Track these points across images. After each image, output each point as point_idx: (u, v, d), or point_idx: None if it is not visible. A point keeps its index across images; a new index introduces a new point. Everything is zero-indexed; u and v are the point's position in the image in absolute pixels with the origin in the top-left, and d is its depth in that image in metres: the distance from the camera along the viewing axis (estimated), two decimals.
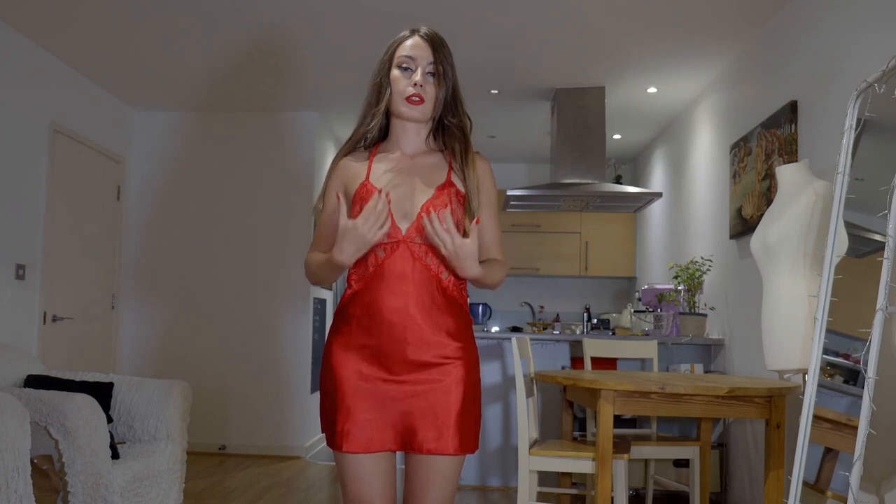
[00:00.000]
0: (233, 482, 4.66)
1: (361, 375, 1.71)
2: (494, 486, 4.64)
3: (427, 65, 1.76)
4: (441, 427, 1.67)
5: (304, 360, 5.74)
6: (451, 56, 1.80)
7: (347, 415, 1.69)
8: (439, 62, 1.76)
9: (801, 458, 2.34)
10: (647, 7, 3.88)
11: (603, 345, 4.19)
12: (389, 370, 1.69)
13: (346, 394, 1.70)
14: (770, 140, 3.80)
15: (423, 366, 1.69)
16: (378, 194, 1.65)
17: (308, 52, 4.60)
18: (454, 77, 1.80)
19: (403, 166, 1.80)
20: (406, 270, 1.70)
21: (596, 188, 5.01)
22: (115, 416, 3.38)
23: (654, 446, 3.65)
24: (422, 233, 1.70)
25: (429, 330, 1.70)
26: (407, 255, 1.70)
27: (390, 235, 1.70)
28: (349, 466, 1.70)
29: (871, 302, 2.15)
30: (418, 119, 1.79)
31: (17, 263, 4.32)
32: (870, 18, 2.98)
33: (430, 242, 1.68)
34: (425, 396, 1.68)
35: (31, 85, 4.47)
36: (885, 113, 2.35)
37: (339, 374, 1.73)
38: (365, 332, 1.71)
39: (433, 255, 1.72)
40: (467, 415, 1.71)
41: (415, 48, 1.77)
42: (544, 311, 7.41)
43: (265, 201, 5.83)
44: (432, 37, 1.79)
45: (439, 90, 1.77)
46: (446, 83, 1.77)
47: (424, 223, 1.66)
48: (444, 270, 1.73)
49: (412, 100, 1.75)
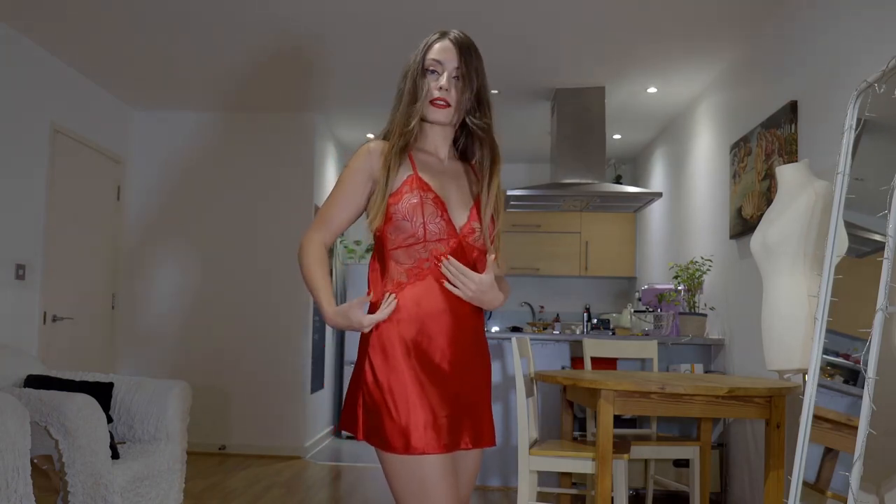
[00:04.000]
0: (233, 482, 4.66)
1: (423, 367, 1.67)
2: (494, 486, 4.64)
3: (453, 69, 1.77)
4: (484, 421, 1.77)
5: (304, 361, 5.74)
6: (478, 60, 1.81)
7: (417, 411, 1.62)
8: (464, 66, 1.77)
9: (801, 458, 2.34)
10: (647, 7, 3.88)
11: (603, 345, 4.19)
12: (447, 363, 1.69)
13: (418, 394, 1.64)
14: (770, 140, 3.80)
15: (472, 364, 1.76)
16: (389, 296, 1.70)
17: (309, 53, 4.60)
18: (481, 81, 1.81)
19: (442, 168, 1.83)
20: (471, 267, 1.74)
21: (596, 188, 5.01)
22: (115, 416, 3.38)
23: (654, 446, 3.65)
24: (473, 234, 1.76)
25: (476, 327, 1.78)
26: (461, 254, 1.74)
27: (448, 232, 1.73)
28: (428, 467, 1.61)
29: (871, 302, 2.14)
30: (442, 122, 1.80)
31: (17, 263, 4.32)
32: (870, 19, 2.98)
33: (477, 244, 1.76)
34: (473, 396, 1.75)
35: (31, 85, 4.47)
36: (885, 113, 2.35)
37: (403, 364, 1.66)
38: (425, 322, 1.68)
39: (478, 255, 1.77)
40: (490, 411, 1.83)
41: (442, 52, 1.78)
42: (544, 311, 7.41)
43: (266, 202, 5.83)
44: (460, 41, 1.80)
45: (462, 94, 1.77)
46: (470, 87, 1.78)
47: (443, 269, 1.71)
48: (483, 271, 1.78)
49: (437, 103, 1.77)
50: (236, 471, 5.02)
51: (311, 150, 5.86)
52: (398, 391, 1.64)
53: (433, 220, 1.71)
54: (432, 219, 1.71)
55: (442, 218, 1.72)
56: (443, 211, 1.73)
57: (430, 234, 1.70)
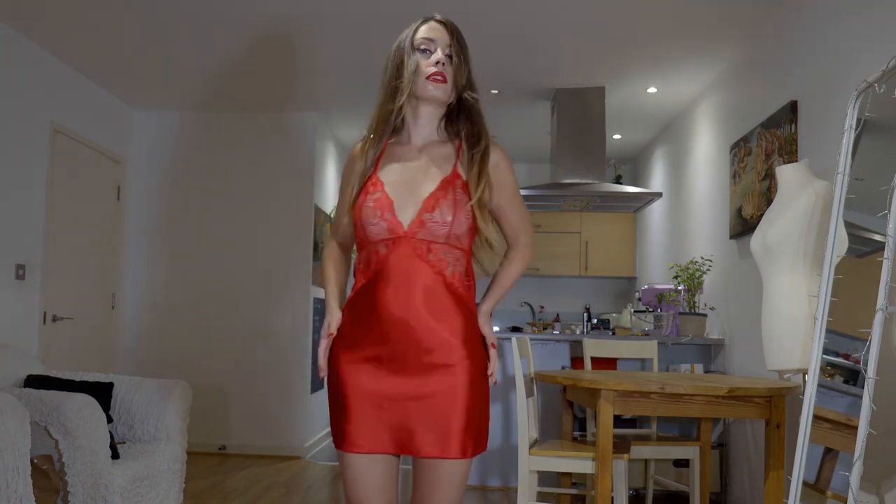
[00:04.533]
0: (233, 482, 4.66)
1: (364, 375, 1.68)
2: (494, 486, 4.64)
3: (446, 46, 1.74)
4: (444, 430, 1.63)
5: (304, 360, 5.74)
6: (465, 41, 1.79)
7: (348, 415, 1.68)
8: (456, 43, 1.75)
9: (801, 458, 2.34)
10: (647, 7, 3.88)
11: (603, 345, 4.19)
12: (393, 371, 1.65)
13: (347, 394, 1.68)
14: (770, 140, 3.80)
15: (429, 367, 1.65)
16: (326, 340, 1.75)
17: (309, 52, 4.60)
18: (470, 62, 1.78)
19: (412, 158, 1.76)
20: (408, 267, 1.65)
21: (596, 188, 5.01)
22: (115, 416, 3.38)
23: (654, 446, 3.65)
24: (424, 227, 1.66)
25: (434, 330, 1.65)
26: (408, 252, 1.66)
27: (391, 231, 1.67)
28: (347, 467, 1.70)
29: (871, 302, 2.15)
30: (440, 98, 1.75)
31: (17, 263, 4.32)
32: (870, 19, 2.98)
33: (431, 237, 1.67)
34: (430, 399, 1.64)
35: (31, 85, 4.47)
36: (885, 113, 2.35)
37: (342, 374, 1.70)
38: (368, 331, 1.68)
39: (436, 250, 1.68)
40: (472, 418, 1.67)
41: (432, 31, 1.76)
42: (544, 311, 7.41)
43: (266, 201, 5.83)
44: (448, 22, 1.78)
45: (458, 72, 1.75)
46: (465, 63, 1.75)
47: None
48: (448, 266, 1.69)
49: (435, 78, 1.72)
50: (236, 471, 5.02)
51: (311, 150, 5.86)
52: (334, 390, 1.74)
53: (373, 222, 1.68)
54: (372, 220, 1.68)
55: (383, 218, 1.67)
56: (385, 211, 1.68)
57: (372, 236, 1.69)
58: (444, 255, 1.68)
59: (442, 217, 1.66)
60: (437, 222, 1.66)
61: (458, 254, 1.71)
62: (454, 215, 1.67)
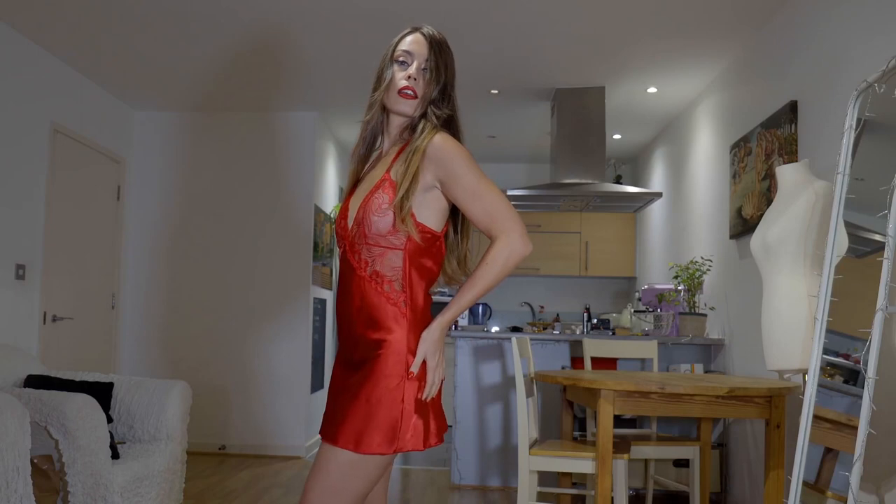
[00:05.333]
0: (233, 482, 4.66)
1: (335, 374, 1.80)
2: (494, 486, 4.64)
3: (423, 60, 1.76)
4: (335, 417, 1.70)
5: (304, 360, 5.74)
6: (449, 56, 1.79)
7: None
8: (433, 58, 1.76)
9: (801, 458, 2.34)
10: (647, 7, 3.88)
11: (603, 345, 4.19)
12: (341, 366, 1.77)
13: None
14: (770, 140, 3.80)
15: (355, 364, 1.71)
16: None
17: (308, 52, 4.60)
18: (449, 77, 1.78)
19: (374, 164, 1.84)
20: (345, 270, 1.75)
21: (596, 188, 5.01)
22: (115, 416, 3.38)
23: (654, 446, 3.65)
24: (359, 229, 1.70)
25: (356, 327, 1.70)
26: (347, 255, 1.74)
27: (341, 237, 1.77)
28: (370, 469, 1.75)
29: (871, 302, 2.15)
30: (407, 112, 1.77)
31: (17, 263, 4.32)
32: (870, 19, 2.98)
33: (359, 238, 1.69)
34: (346, 391, 1.70)
35: (31, 85, 4.47)
36: (885, 113, 2.35)
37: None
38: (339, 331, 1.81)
39: (360, 251, 1.70)
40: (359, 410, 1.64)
41: (413, 44, 1.77)
42: (544, 311, 7.42)
43: (265, 201, 5.83)
44: (431, 35, 1.79)
45: (428, 86, 1.76)
46: (437, 81, 1.76)
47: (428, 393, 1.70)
48: (367, 265, 1.69)
49: (404, 93, 1.75)
50: (236, 471, 5.02)
51: (311, 150, 5.86)
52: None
53: (336, 230, 1.81)
54: (336, 228, 1.80)
55: (338, 225, 1.78)
56: (341, 218, 1.78)
57: (337, 241, 1.80)
58: (366, 255, 1.70)
59: (366, 218, 1.69)
60: (358, 224, 1.70)
61: (378, 251, 1.69)
62: (366, 214, 1.68)
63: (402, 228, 1.65)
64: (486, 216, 1.66)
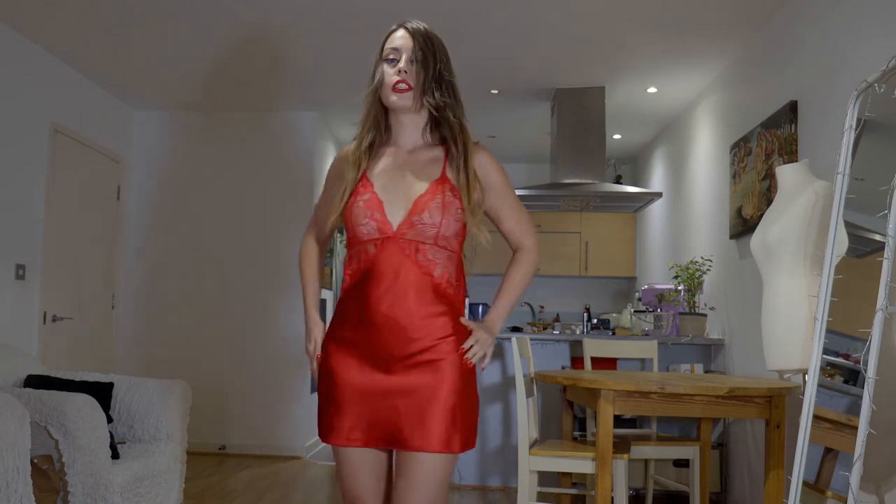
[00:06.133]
0: (233, 482, 4.66)
1: (353, 371, 1.72)
2: (494, 486, 4.64)
3: (411, 53, 1.77)
4: (428, 424, 1.66)
5: (304, 360, 5.73)
6: (437, 44, 1.80)
7: (337, 409, 1.73)
8: (419, 49, 1.77)
9: (801, 458, 2.34)
10: (647, 7, 3.88)
11: (603, 345, 4.19)
12: (380, 367, 1.70)
13: (337, 388, 1.74)
14: (770, 140, 3.80)
15: (415, 364, 1.69)
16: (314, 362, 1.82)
17: (308, 51, 4.60)
18: (440, 63, 1.78)
19: (399, 161, 1.81)
20: (395, 267, 1.70)
21: (596, 188, 5.01)
22: (115, 416, 3.38)
23: (654, 446, 3.65)
24: (413, 228, 1.70)
25: (420, 327, 1.69)
26: (396, 252, 1.70)
27: (380, 231, 1.71)
28: (338, 459, 1.77)
29: (871, 302, 2.15)
30: (406, 107, 1.78)
31: (17, 263, 4.32)
32: (870, 18, 2.98)
33: (421, 238, 1.70)
34: (415, 394, 1.68)
35: (31, 85, 4.47)
36: (885, 113, 2.35)
37: (332, 369, 1.76)
38: (356, 328, 1.73)
39: (424, 251, 1.71)
40: (457, 412, 1.69)
41: (399, 39, 1.79)
42: (544, 311, 7.41)
43: (265, 201, 5.83)
44: (416, 28, 1.80)
45: (419, 76, 1.76)
46: (425, 68, 1.76)
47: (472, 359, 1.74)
48: (436, 266, 1.73)
49: (398, 87, 1.76)
50: (236, 471, 5.02)
51: (311, 150, 5.86)
52: (324, 391, 1.78)
53: (363, 222, 1.73)
54: (362, 220, 1.73)
55: (372, 218, 1.72)
56: (374, 211, 1.73)
57: (361, 236, 1.74)
58: (433, 256, 1.73)
59: (431, 219, 1.71)
60: (426, 224, 1.70)
61: (446, 255, 1.75)
62: (443, 217, 1.71)
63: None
64: (519, 225, 1.90)
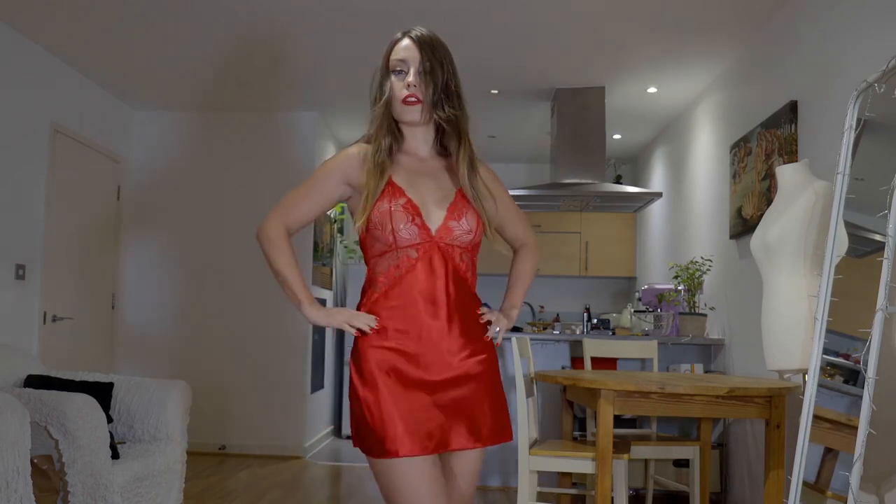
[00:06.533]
0: (233, 482, 4.66)
1: (400, 379, 1.69)
2: (494, 486, 4.64)
3: (418, 64, 1.75)
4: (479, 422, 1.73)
5: (304, 360, 5.74)
6: (444, 53, 1.78)
7: (393, 420, 1.65)
8: (427, 60, 1.75)
9: (801, 458, 2.34)
10: (647, 7, 3.88)
11: (603, 345, 4.19)
12: (428, 371, 1.69)
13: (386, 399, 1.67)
14: (770, 140, 3.80)
15: (461, 366, 1.73)
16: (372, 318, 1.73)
17: (308, 51, 4.60)
18: (447, 74, 1.76)
19: (418, 168, 1.81)
20: (439, 271, 1.73)
21: (596, 188, 5.01)
22: (115, 416, 3.38)
23: (654, 446, 3.65)
24: (451, 233, 1.75)
25: (465, 328, 1.75)
26: (438, 256, 1.73)
27: (422, 236, 1.73)
28: (403, 474, 1.64)
29: (871, 302, 2.15)
30: (416, 120, 1.78)
31: (17, 263, 4.32)
32: (870, 18, 2.98)
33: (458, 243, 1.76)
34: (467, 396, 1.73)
35: (31, 85, 4.47)
36: (885, 113, 2.35)
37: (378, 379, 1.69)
38: (400, 334, 1.71)
39: (461, 255, 1.77)
40: (501, 406, 1.80)
41: (405, 50, 1.77)
42: (544, 311, 7.41)
43: (265, 201, 5.79)
44: (421, 38, 1.77)
45: (428, 88, 1.75)
46: (433, 80, 1.74)
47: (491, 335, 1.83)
48: (467, 269, 1.79)
49: (408, 101, 1.75)
50: (236, 471, 5.02)
51: (311, 150, 5.86)
52: (373, 403, 1.68)
53: (404, 226, 1.71)
54: (402, 224, 1.71)
55: (413, 223, 1.72)
56: (414, 215, 1.72)
57: (401, 241, 1.72)
58: (464, 260, 1.79)
59: (468, 225, 1.77)
60: (463, 230, 1.76)
61: (472, 259, 1.83)
62: (477, 224, 1.79)
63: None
64: (522, 229, 2.02)
